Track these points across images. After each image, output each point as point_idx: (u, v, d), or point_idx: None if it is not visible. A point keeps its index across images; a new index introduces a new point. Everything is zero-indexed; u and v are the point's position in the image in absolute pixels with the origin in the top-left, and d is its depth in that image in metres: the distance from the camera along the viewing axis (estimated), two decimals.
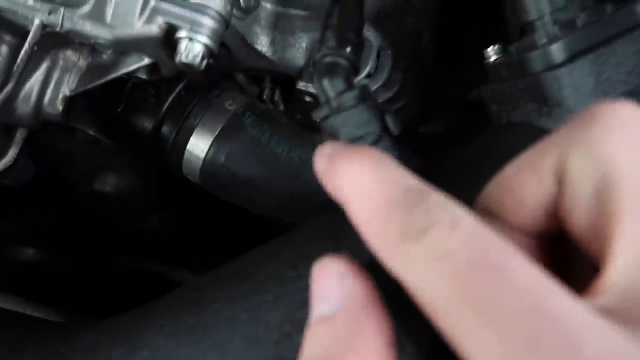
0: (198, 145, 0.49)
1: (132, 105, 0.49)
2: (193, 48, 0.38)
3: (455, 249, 0.19)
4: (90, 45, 0.39)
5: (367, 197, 0.22)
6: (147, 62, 0.40)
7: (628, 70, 0.35)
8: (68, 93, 0.40)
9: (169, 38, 0.38)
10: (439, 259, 0.19)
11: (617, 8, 0.36)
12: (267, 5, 0.52)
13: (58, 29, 0.36)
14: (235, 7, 0.46)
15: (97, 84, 0.41)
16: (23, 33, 0.37)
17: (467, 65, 0.64)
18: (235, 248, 0.45)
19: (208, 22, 0.38)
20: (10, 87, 0.38)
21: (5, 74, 0.37)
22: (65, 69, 0.40)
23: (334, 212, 0.25)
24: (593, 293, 0.20)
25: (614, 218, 0.20)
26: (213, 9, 0.39)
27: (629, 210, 0.20)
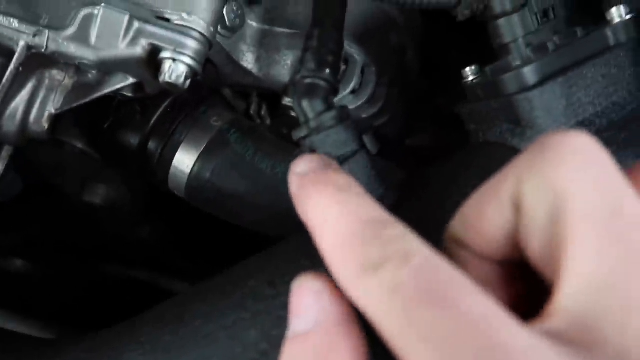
0: (183, 161, 0.49)
1: (118, 121, 0.50)
2: (176, 68, 0.39)
3: (407, 282, 0.20)
4: (76, 65, 0.40)
5: (329, 227, 0.23)
6: (131, 81, 0.41)
7: (597, 93, 0.36)
8: (53, 111, 0.41)
9: (153, 58, 0.39)
10: (392, 292, 0.20)
11: (587, 32, 0.38)
12: (252, 23, 0.52)
13: (43, 50, 0.37)
14: (221, 25, 0.47)
15: (82, 102, 0.42)
16: (8, 53, 0.37)
17: (451, 79, 0.65)
18: (226, 256, 0.45)
19: (191, 43, 0.39)
20: None
21: None
22: (51, 88, 0.41)
23: None
24: (544, 317, 0.21)
25: (564, 246, 0.21)
26: (196, 31, 0.39)
27: (578, 239, 0.20)
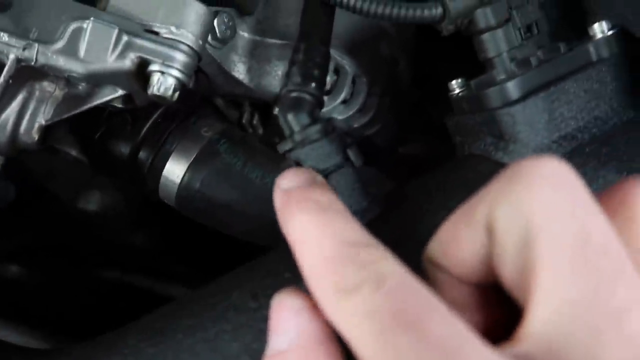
0: (173, 171, 0.50)
1: (109, 131, 0.51)
2: (165, 81, 0.39)
3: (380, 306, 0.21)
4: (66, 77, 0.40)
5: (308, 247, 0.23)
6: (121, 93, 0.41)
7: (580, 107, 0.36)
8: (44, 122, 0.42)
9: (142, 71, 0.39)
10: (366, 316, 0.21)
11: (569, 47, 0.38)
12: (244, 34, 0.53)
13: (32, 63, 0.37)
14: (212, 36, 0.48)
15: (72, 114, 0.42)
16: None
17: (443, 89, 0.65)
18: (221, 261, 0.46)
19: (179, 56, 0.40)
20: None
21: None
22: (41, 99, 0.41)
23: None
24: (514, 341, 0.21)
25: (534, 272, 0.21)
26: (184, 44, 0.40)
27: (547, 266, 0.21)
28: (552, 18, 0.39)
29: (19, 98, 0.41)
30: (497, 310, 0.25)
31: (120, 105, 0.44)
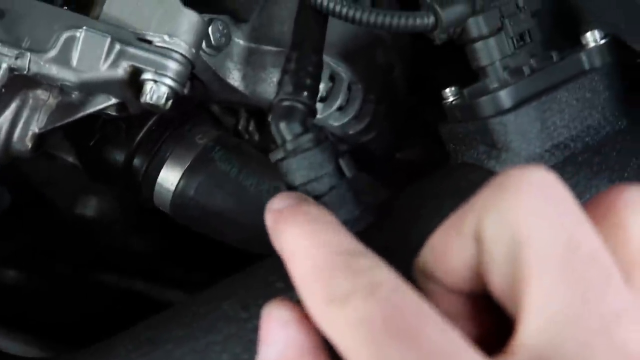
0: (168, 178, 0.50)
1: (104, 139, 0.51)
2: (158, 89, 0.39)
3: (372, 314, 0.20)
4: (59, 86, 0.40)
5: (299, 257, 0.23)
6: (114, 101, 0.42)
7: (572, 116, 0.36)
8: (37, 130, 0.42)
9: (134, 80, 0.39)
10: (358, 324, 0.20)
11: (562, 56, 0.38)
12: (239, 41, 0.53)
13: (25, 72, 0.38)
14: (206, 43, 0.48)
15: (66, 122, 0.42)
16: None
17: (439, 96, 0.65)
18: (219, 265, 0.46)
19: (172, 65, 0.40)
20: None
21: None
22: (35, 108, 0.41)
23: None
24: (507, 352, 0.21)
25: (523, 282, 0.21)
26: (177, 52, 0.40)
27: (535, 276, 0.21)
28: (544, 27, 0.39)
29: (13, 106, 0.41)
30: (488, 320, 0.25)
31: (114, 113, 0.44)
